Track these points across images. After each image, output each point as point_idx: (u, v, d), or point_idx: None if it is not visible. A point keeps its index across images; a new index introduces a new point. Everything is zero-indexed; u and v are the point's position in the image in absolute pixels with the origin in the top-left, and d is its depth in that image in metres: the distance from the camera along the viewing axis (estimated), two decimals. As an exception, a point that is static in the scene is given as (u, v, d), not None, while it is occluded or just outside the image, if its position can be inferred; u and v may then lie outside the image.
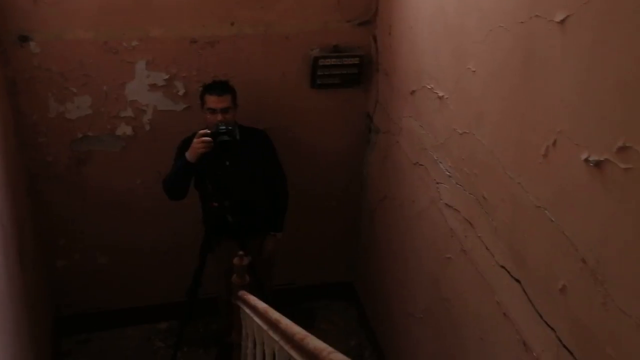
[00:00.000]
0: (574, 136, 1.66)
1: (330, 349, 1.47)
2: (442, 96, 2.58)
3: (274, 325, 2.04)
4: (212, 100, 3.07)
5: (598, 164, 1.56)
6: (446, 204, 2.62)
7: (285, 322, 1.93)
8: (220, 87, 3.10)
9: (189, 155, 3.04)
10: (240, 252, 2.85)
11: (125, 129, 3.46)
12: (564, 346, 1.78)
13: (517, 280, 2.05)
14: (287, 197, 3.51)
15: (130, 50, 3.24)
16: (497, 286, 2.21)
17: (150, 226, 3.80)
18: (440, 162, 2.65)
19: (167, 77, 3.36)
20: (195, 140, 3.01)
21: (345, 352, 1.48)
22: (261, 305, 2.35)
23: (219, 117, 3.06)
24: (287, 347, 1.82)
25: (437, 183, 2.70)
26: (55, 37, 3.12)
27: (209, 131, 3.01)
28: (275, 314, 2.10)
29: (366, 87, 3.61)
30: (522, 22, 1.89)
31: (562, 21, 1.68)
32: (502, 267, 2.14)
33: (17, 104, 3.24)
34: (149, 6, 3.16)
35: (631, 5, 1.40)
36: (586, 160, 1.60)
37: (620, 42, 1.45)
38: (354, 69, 3.49)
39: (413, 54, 2.90)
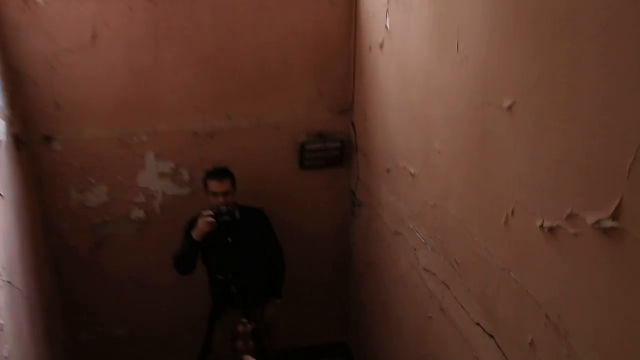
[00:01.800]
0: (529, 206, 1.67)
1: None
2: (414, 173, 2.60)
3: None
4: (214, 185, 3.08)
5: (551, 230, 1.56)
6: (424, 269, 2.59)
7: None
8: (220, 173, 3.11)
9: (195, 234, 3.03)
10: (244, 320, 2.81)
11: (138, 213, 3.46)
12: (537, 396, 1.74)
13: (491, 336, 2.00)
14: (284, 268, 3.47)
15: (140, 145, 3.28)
16: (474, 342, 2.16)
17: (164, 300, 3.74)
18: (417, 231, 2.64)
19: (173, 166, 3.38)
20: (200, 221, 3.00)
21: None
22: (263, 369, 2.30)
23: (221, 199, 3.06)
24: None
25: (415, 250, 2.68)
26: (75, 136, 3.16)
27: (212, 212, 3.01)
28: (275, 378, 2.05)
29: (348, 167, 3.63)
30: (476, 108, 1.93)
31: (510, 107, 1.71)
32: (477, 324, 2.10)
33: (42, 196, 3.24)
34: (156, 107, 3.21)
35: (563, 93, 1.44)
36: (541, 226, 1.61)
37: (557, 123, 1.48)
38: (337, 151, 3.52)
39: (387, 137, 2.94)
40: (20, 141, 2.93)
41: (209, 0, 3.02)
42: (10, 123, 2.80)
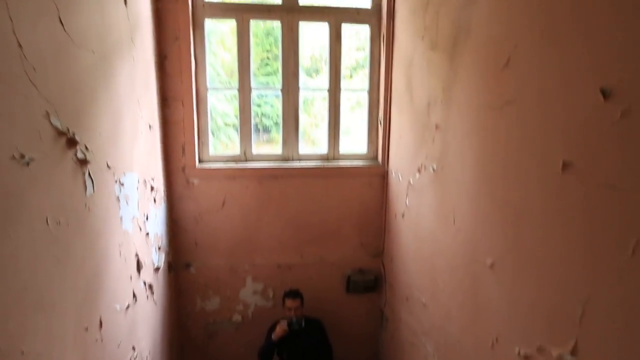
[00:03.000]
0: (509, 336, 1.58)
1: None
2: (425, 302, 2.51)
3: None
4: (289, 302, 3.03)
5: (526, 357, 1.46)
6: (433, 373, 2.40)
7: None
8: (294, 293, 3.08)
9: (274, 336, 2.94)
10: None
11: (237, 317, 3.40)
12: None
13: None
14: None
15: (243, 271, 3.31)
16: None
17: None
18: (427, 344, 2.48)
19: (263, 286, 3.36)
20: (277, 327, 2.93)
21: None
22: None
23: (293, 312, 3.00)
24: None
25: (425, 357, 2.50)
26: (203, 264, 3.23)
27: (286, 321, 2.94)
28: None
29: (380, 293, 3.52)
30: (467, 264, 1.91)
31: (491, 265, 1.70)
32: (474, 422, 1.90)
33: (179, 302, 3.27)
34: (255, 247, 3.28)
35: (529, 258, 1.43)
36: (518, 353, 1.51)
37: (527, 278, 1.45)
38: (372, 282, 3.44)
39: (406, 275, 2.88)
40: (170, 266, 3.03)
41: (294, 184, 3.20)
42: (167, 254, 2.93)
